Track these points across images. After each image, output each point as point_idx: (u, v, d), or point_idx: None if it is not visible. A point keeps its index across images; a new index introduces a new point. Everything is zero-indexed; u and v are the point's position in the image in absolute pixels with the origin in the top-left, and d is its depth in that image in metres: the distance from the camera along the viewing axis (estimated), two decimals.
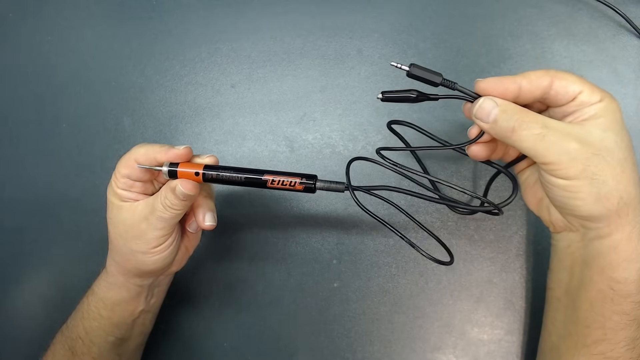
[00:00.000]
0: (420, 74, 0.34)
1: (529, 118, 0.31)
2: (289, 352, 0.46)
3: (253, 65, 0.53)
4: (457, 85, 0.33)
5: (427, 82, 0.34)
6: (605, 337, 0.32)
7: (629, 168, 0.31)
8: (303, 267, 0.47)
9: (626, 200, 0.31)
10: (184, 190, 0.35)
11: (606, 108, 0.31)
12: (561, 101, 0.32)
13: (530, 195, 0.38)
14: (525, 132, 0.31)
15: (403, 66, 0.34)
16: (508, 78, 0.32)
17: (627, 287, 0.31)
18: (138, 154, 0.36)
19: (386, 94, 0.35)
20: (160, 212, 0.35)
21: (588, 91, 0.31)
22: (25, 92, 0.56)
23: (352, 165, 0.37)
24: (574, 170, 0.30)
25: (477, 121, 0.33)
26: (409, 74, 0.34)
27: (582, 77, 0.32)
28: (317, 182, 0.36)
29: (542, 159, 0.31)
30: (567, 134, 0.30)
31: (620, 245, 0.31)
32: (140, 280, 0.40)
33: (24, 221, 0.52)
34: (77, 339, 0.40)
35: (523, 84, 0.32)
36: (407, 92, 0.35)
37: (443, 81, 0.34)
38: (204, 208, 0.39)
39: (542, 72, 0.32)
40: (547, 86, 0.31)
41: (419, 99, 0.35)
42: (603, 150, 0.30)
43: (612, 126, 0.31)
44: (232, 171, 0.36)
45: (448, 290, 0.45)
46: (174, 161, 0.36)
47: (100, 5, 0.58)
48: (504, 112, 0.32)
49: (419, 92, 0.35)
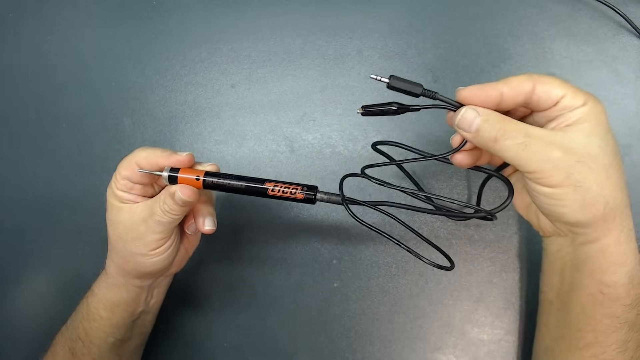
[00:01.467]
0: (401, 85, 0.34)
1: (511, 127, 0.31)
2: (289, 352, 0.46)
3: (253, 65, 0.53)
4: (438, 94, 0.33)
5: (408, 94, 0.34)
6: (596, 340, 0.32)
7: (614, 173, 0.30)
8: (303, 267, 0.47)
9: (612, 205, 0.30)
10: (183, 196, 0.34)
11: (590, 112, 0.30)
12: (544, 106, 0.31)
13: (518, 201, 0.38)
14: (507, 142, 0.31)
15: (383, 79, 0.34)
16: (489, 85, 0.32)
17: (617, 290, 0.31)
18: (139, 157, 0.36)
19: (367, 109, 0.35)
20: (159, 217, 0.35)
21: (571, 95, 0.30)
22: (25, 92, 0.56)
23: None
24: (557, 178, 0.30)
25: (460, 131, 0.33)
26: (389, 86, 0.34)
27: (565, 81, 0.31)
28: (317, 194, 0.36)
29: (525, 168, 0.31)
30: (550, 143, 0.30)
31: (608, 249, 0.31)
32: (139, 282, 0.40)
33: (24, 221, 0.52)
34: (77, 340, 0.40)
35: (505, 90, 0.31)
36: (387, 105, 0.34)
37: (424, 91, 0.33)
38: (203, 212, 0.39)
39: (524, 76, 0.31)
40: (529, 91, 0.31)
41: (399, 112, 0.34)
42: (587, 157, 0.30)
43: (597, 130, 0.30)
44: (233, 179, 0.36)
45: (448, 290, 0.45)
46: (176, 167, 0.36)
47: (100, 5, 0.58)
48: (486, 122, 0.31)
49: (399, 104, 0.34)
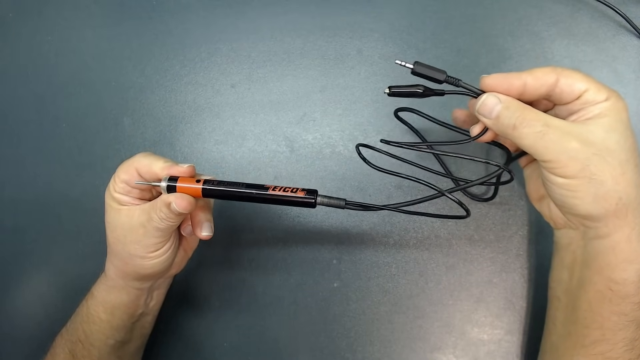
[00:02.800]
0: (425, 71, 0.34)
1: (530, 116, 0.31)
2: (289, 352, 0.46)
3: (253, 65, 0.53)
4: (461, 82, 0.34)
5: (432, 80, 0.34)
6: (603, 337, 0.32)
7: (630, 170, 0.31)
8: (303, 267, 0.47)
9: (625, 201, 0.30)
10: (178, 208, 0.34)
11: (611, 107, 0.30)
12: (566, 99, 0.32)
13: (533, 190, 0.38)
14: (525, 130, 0.31)
15: (407, 64, 0.34)
16: (513, 74, 0.32)
17: (626, 288, 0.31)
18: (140, 165, 0.36)
19: (393, 89, 0.35)
20: (156, 223, 0.35)
21: (594, 90, 0.31)
22: (25, 92, 0.56)
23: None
24: (572, 169, 0.30)
25: (480, 117, 0.33)
26: (413, 71, 0.34)
27: (589, 75, 0.31)
28: (317, 197, 0.36)
29: (541, 156, 0.31)
30: (568, 133, 0.30)
31: (619, 246, 0.31)
32: (139, 284, 0.40)
33: (24, 221, 0.52)
34: (77, 342, 0.40)
35: (528, 80, 0.32)
36: (414, 87, 0.35)
37: (447, 78, 0.34)
38: (200, 218, 0.39)
39: (549, 69, 0.32)
40: (552, 83, 0.31)
41: (425, 94, 0.35)
42: (604, 150, 0.30)
43: (616, 126, 0.30)
44: (232, 186, 0.36)
45: (448, 290, 0.45)
46: (175, 176, 0.36)
47: (100, 5, 0.58)
48: (506, 109, 0.32)
49: (425, 87, 0.35)
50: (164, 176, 0.35)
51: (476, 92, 0.34)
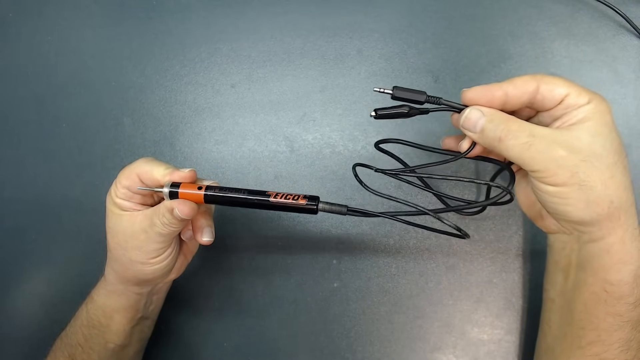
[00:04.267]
0: (404, 95, 0.34)
1: (515, 127, 0.31)
2: (289, 352, 0.46)
3: (253, 65, 0.53)
4: (442, 99, 0.34)
5: (412, 102, 0.35)
6: (599, 338, 0.32)
7: (618, 172, 0.30)
8: (303, 267, 0.47)
9: (617, 204, 0.30)
10: (181, 214, 0.34)
11: (595, 110, 0.30)
12: (548, 105, 0.32)
13: (523, 197, 0.38)
14: (511, 142, 0.31)
15: (386, 90, 0.34)
16: (494, 86, 0.32)
17: (621, 289, 0.32)
18: (141, 170, 0.36)
19: (379, 112, 0.35)
20: (159, 229, 0.35)
21: (575, 93, 0.31)
22: (25, 92, 0.56)
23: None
24: (561, 177, 0.30)
25: (465, 131, 0.33)
26: (393, 96, 0.34)
27: (569, 80, 0.31)
28: (319, 204, 0.36)
29: (529, 167, 0.31)
30: (554, 141, 0.30)
31: (613, 248, 0.31)
32: (139, 288, 0.40)
33: (24, 221, 0.52)
34: (77, 346, 0.40)
35: (509, 90, 0.32)
36: (399, 107, 0.35)
37: (428, 98, 0.34)
38: (202, 224, 0.39)
39: (528, 77, 0.32)
40: (533, 91, 0.31)
41: (410, 114, 0.35)
42: (591, 155, 0.30)
43: (601, 130, 0.30)
44: (234, 193, 0.36)
45: (448, 290, 0.45)
46: (177, 182, 0.36)
47: (100, 5, 0.58)
48: (490, 122, 0.32)
49: (410, 107, 0.35)
50: (165, 182, 0.36)
51: (459, 108, 0.34)
